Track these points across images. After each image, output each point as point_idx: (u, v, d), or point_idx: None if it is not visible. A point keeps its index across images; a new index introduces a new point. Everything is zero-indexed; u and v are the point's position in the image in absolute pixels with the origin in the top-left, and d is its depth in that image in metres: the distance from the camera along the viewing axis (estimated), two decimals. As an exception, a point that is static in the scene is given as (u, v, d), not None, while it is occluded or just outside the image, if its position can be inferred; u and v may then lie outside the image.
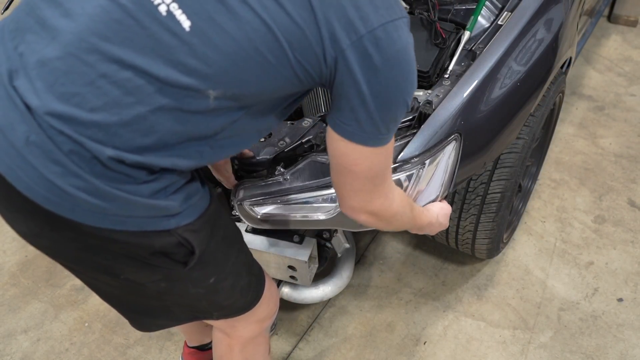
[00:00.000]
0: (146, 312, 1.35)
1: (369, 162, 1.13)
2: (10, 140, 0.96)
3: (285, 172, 1.59)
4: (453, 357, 2.11)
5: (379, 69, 1.01)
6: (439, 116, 1.57)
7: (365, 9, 0.99)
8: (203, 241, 1.17)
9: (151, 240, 1.09)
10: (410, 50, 1.06)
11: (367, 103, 1.04)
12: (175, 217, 1.10)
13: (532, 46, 1.78)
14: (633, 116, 3.16)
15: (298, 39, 0.98)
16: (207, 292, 1.27)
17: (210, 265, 1.23)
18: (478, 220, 1.99)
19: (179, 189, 1.10)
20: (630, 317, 2.21)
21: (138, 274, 1.16)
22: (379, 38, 0.99)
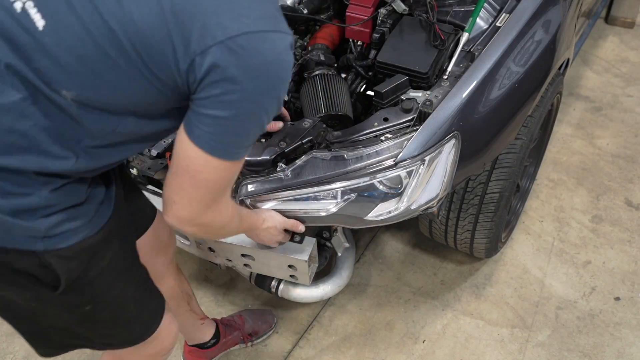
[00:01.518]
0: (28, 334, 1.28)
1: (216, 175, 1.09)
2: None
3: (286, 168, 1.60)
4: (452, 355, 2.13)
5: (236, 80, 0.96)
6: (438, 116, 1.58)
7: (225, 16, 0.94)
8: (74, 269, 1.11)
9: (11, 258, 1.04)
10: (279, 67, 1.00)
11: (223, 116, 1.00)
12: (44, 240, 1.05)
13: (530, 47, 1.79)
14: (630, 117, 3.18)
15: (146, 46, 0.95)
16: (82, 319, 1.21)
17: (86, 293, 1.17)
18: (476, 220, 2.01)
19: (54, 212, 1.06)
20: (627, 316, 2.23)
21: (7, 291, 1.12)
22: (238, 46, 0.94)
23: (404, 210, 1.59)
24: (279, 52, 0.99)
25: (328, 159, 1.60)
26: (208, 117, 1.01)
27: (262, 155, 1.62)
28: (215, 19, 0.93)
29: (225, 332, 2.09)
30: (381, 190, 1.57)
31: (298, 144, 1.63)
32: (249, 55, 0.95)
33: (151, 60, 0.97)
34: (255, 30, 0.96)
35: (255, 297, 2.34)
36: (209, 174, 1.09)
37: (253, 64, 0.96)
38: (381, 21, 1.92)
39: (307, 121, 1.67)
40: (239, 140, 1.07)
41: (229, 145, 1.06)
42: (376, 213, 1.60)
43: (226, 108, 0.99)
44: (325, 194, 1.59)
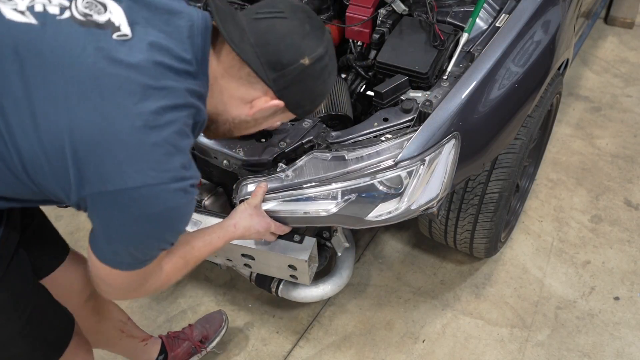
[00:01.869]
0: None
1: (120, 280, 1.17)
2: None
3: (287, 168, 1.61)
4: (451, 355, 2.14)
5: (125, 224, 1.05)
6: (438, 116, 1.59)
7: (125, 166, 1.00)
8: None
9: None
10: (167, 217, 1.08)
11: (110, 243, 1.09)
12: None
13: (530, 48, 1.79)
14: (629, 117, 3.19)
15: (38, 171, 1.02)
16: None
17: None
18: (476, 220, 2.01)
19: None
20: (626, 316, 2.23)
21: None
22: (128, 198, 1.02)
23: (404, 211, 1.59)
24: (164, 202, 1.06)
25: (328, 159, 1.60)
26: (100, 233, 1.10)
27: (262, 156, 1.62)
28: (114, 167, 1.00)
29: (172, 346, 2.05)
30: (381, 190, 1.57)
31: (298, 144, 1.64)
32: (138, 206, 1.03)
33: (40, 184, 1.05)
34: (149, 184, 1.02)
35: (256, 297, 2.35)
36: (113, 280, 1.17)
37: (140, 214, 1.05)
38: (381, 21, 1.93)
39: (307, 121, 1.67)
40: (134, 255, 1.13)
41: (125, 258, 1.13)
42: (376, 213, 1.60)
43: (112, 239, 1.09)
44: (325, 194, 1.59)
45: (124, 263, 1.13)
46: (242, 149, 1.65)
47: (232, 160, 1.67)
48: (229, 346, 2.20)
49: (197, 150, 1.75)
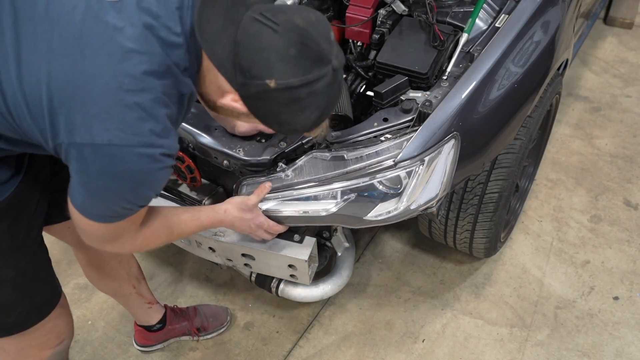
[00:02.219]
0: None
1: (94, 230, 1.20)
2: None
3: (286, 168, 1.61)
4: (451, 354, 2.14)
5: (91, 176, 1.09)
6: (438, 117, 1.59)
7: (96, 120, 1.03)
8: None
9: None
10: (136, 178, 1.11)
11: (80, 192, 1.13)
12: None
13: (529, 48, 1.79)
14: (628, 117, 3.19)
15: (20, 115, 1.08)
16: None
17: None
18: (476, 220, 2.01)
19: None
20: (625, 315, 2.24)
21: None
22: (100, 153, 1.05)
23: (404, 210, 1.60)
24: (133, 168, 1.09)
25: (328, 159, 1.60)
26: (74, 181, 1.13)
27: (263, 155, 1.63)
28: (84, 121, 1.04)
29: (172, 319, 2.13)
30: (381, 190, 1.58)
31: (298, 144, 1.64)
32: (102, 163, 1.07)
33: (21, 127, 1.10)
34: (113, 144, 1.05)
35: (256, 297, 2.35)
36: (87, 227, 1.20)
37: (103, 171, 1.08)
38: (381, 22, 1.93)
39: (307, 121, 1.67)
40: (101, 208, 1.16)
41: (94, 210, 1.16)
42: (376, 213, 1.61)
43: (84, 186, 1.12)
44: (325, 194, 1.60)
45: (93, 214, 1.16)
46: (242, 149, 1.66)
47: (232, 160, 1.67)
48: (229, 345, 2.20)
49: (197, 150, 1.75)
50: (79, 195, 1.14)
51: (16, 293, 1.34)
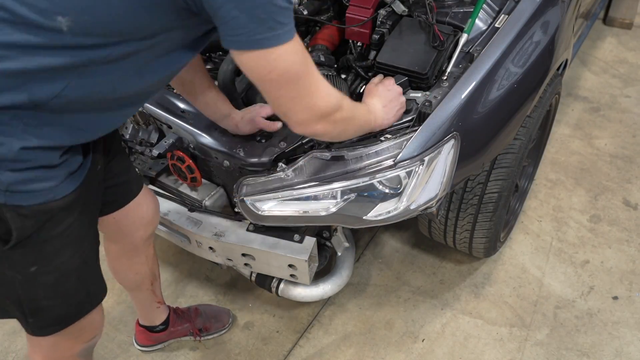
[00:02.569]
0: None
1: (280, 65, 1.11)
2: None
3: (287, 168, 1.61)
4: (451, 354, 2.14)
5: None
6: (438, 117, 1.59)
7: None
8: (27, 228, 1.15)
9: None
10: None
11: (237, 5, 1.03)
12: (5, 193, 1.09)
13: (529, 48, 1.80)
14: (628, 117, 3.20)
15: None
16: (25, 280, 1.23)
17: (33, 253, 1.20)
18: (475, 220, 2.02)
19: (24, 168, 1.10)
20: (625, 315, 2.24)
21: None
22: None
23: (403, 210, 1.60)
24: None
25: (328, 159, 1.60)
26: (228, 17, 1.04)
27: (263, 156, 1.63)
28: None
29: (175, 321, 2.14)
30: (381, 190, 1.58)
31: (298, 144, 1.64)
32: None
33: None
34: None
35: (256, 297, 2.35)
36: (276, 67, 1.11)
37: None
38: (381, 22, 1.93)
39: (307, 122, 1.68)
40: (266, 23, 1.06)
41: (263, 32, 1.06)
42: (376, 213, 1.61)
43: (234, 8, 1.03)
44: (325, 193, 1.60)
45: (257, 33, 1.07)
46: (242, 150, 1.66)
47: (232, 160, 1.67)
48: (230, 345, 2.21)
49: (198, 150, 1.76)
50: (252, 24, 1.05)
51: (78, 282, 1.34)
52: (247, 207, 1.65)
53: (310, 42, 2.02)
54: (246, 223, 1.84)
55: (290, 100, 1.18)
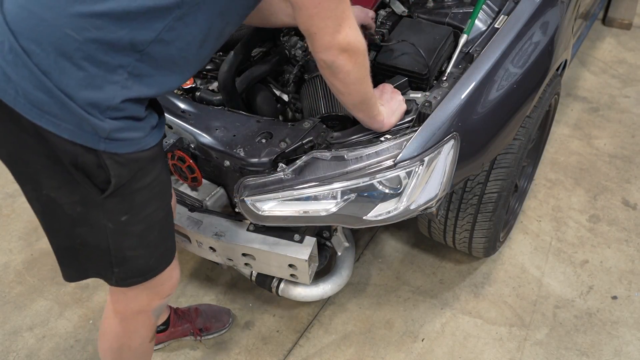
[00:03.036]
0: (60, 250, 1.37)
1: None
2: None
3: (287, 168, 1.62)
4: (451, 353, 2.15)
5: None
6: (438, 117, 1.60)
7: None
8: (123, 175, 1.20)
9: (76, 151, 1.13)
10: None
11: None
12: (106, 141, 1.14)
13: (529, 49, 1.80)
14: (627, 117, 3.20)
15: None
16: (115, 229, 1.29)
17: (125, 202, 1.26)
18: (475, 220, 2.02)
19: (121, 117, 1.15)
20: (624, 315, 2.25)
21: (59, 190, 1.21)
22: None
23: (403, 210, 1.60)
24: None
25: (328, 159, 1.60)
26: None
27: (263, 156, 1.63)
28: None
29: (175, 322, 2.14)
30: (381, 190, 1.58)
31: (298, 145, 1.64)
32: None
33: None
34: None
35: (256, 297, 2.36)
36: None
37: None
38: (381, 22, 1.94)
39: (307, 122, 1.68)
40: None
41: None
42: (376, 213, 1.61)
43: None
44: (325, 194, 1.60)
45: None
46: (243, 150, 1.66)
47: (233, 160, 1.68)
48: (230, 345, 2.21)
49: (198, 150, 1.76)
50: None
51: (160, 235, 1.40)
52: (248, 207, 1.66)
53: (311, 43, 2.02)
54: (246, 223, 1.84)
55: (323, 20, 1.22)
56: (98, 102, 1.11)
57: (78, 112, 1.09)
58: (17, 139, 1.14)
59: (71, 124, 1.10)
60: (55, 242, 1.36)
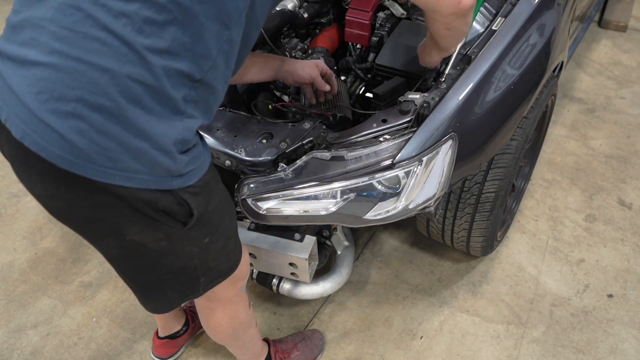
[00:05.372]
0: (145, 286, 1.40)
1: None
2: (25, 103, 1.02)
3: (287, 168, 1.62)
4: (449, 351, 2.17)
5: None
6: (436, 118, 1.60)
7: None
8: (201, 204, 1.22)
9: (156, 197, 1.14)
10: None
11: None
12: (178, 178, 1.15)
13: (526, 51, 1.81)
14: (622, 118, 3.23)
15: None
16: (200, 251, 1.32)
17: (206, 227, 1.29)
18: (473, 219, 2.04)
19: (186, 150, 1.16)
20: (619, 313, 2.27)
21: (142, 233, 1.21)
22: None
23: (402, 210, 1.61)
24: None
25: (328, 159, 1.61)
26: None
27: (264, 156, 1.63)
28: None
29: (193, 317, 2.18)
30: (380, 190, 1.59)
31: (298, 145, 1.65)
32: None
33: None
34: None
35: (257, 295, 2.38)
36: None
37: None
38: (379, 25, 1.96)
39: (307, 122, 1.69)
40: None
41: None
42: (375, 212, 1.62)
43: None
44: (325, 193, 1.60)
45: None
46: (243, 150, 1.67)
47: (234, 160, 1.69)
48: (231, 343, 2.23)
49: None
50: None
51: (234, 237, 1.48)
52: (249, 207, 1.66)
53: (311, 44, 2.05)
54: (247, 222, 1.86)
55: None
56: (167, 141, 1.10)
57: (151, 158, 1.08)
58: (91, 201, 1.12)
59: (144, 173, 1.09)
60: (140, 279, 1.38)
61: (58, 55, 1.01)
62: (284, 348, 2.05)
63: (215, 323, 1.68)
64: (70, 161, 1.03)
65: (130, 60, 1.03)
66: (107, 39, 1.01)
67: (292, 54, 1.97)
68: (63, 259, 2.55)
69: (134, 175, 1.08)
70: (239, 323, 1.71)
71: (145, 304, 1.47)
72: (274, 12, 1.92)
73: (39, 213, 2.77)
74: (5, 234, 2.70)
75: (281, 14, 1.93)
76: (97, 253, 2.53)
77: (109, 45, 1.02)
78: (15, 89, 1.03)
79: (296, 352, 2.07)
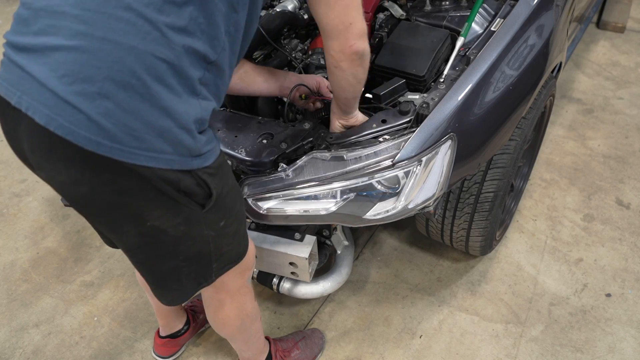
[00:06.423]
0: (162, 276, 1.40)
1: None
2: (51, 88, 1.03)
3: (287, 168, 1.63)
4: (448, 350, 2.18)
5: None
6: (435, 118, 1.61)
7: None
8: (218, 185, 1.24)
9: (178, 178, 1.15)
10: None
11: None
12: (197, 158, 1.17)
13: (524, 51, 1.82)
14: (620, 118, 3.24)
15: None
16: (216, 235, 1.34)
17: (222, 209, 1.31)
18: (472, 219, 2.04)
19: (203, 130, 1.18)
20: (618, 312, 2.28)
21: (163, 218, 1.22)
22: None
23: (402, 210, 1.61)
24: None
25: (328, 159, 1.62)
26: None
27: (264, 156, 1.64)
28: None
29: (194, 316, 2.19)
30: (379, 190, 1.60)
31: (299, 145, 1.66)
32: None
33: None
34: None
35: (257, 294, 2.38)
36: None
37: None
38: (379, 26, 1.97)
39: (307, 123, 1.70)
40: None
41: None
42: (374, 212, 1.62)
43: None
44: (325, 193, 1.61)
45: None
46: (244, 150, 1.67)
47: (234, 160, 1.69)
48: (231, 342, 2.24)
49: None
50: None
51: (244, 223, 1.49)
52: (249, 206, 1.67)
53: (311, 45, 2.05)
54: (248, 222, 1.87)
55: (356, 9, 1.32)
56: (189, 119, 1.12)
57: (174, 136, 1.10)
58: (116, 185, 1.12)
59: (168, 153, 1.11)
60: (157, 268, 1.38)
61: (82, 37, 1.02)
62: (284, 347, 2.06)
63: (223, 315, 1.69)
64: (97, 142, 1.05)
65: (153, 39, 1.05)
66: (130, 18, 1.03)
67: (292, 55, 1.97)
68: (65, 258, 2.56)
69: (158, 155, 1.10)
70: (246, 315, 1.72)
71: (161, 296, 1.48)
72: (275, 13, 1.93)
73: (41, 213, 2.78)
74: (7, 233, 2.71)
75: (281, 15, 1.94)
76: (98, 252, 2.55)
77: (132, 24, 1.03)
78: (37, 76, 1.03)
79: (296, 350, 2.08)
